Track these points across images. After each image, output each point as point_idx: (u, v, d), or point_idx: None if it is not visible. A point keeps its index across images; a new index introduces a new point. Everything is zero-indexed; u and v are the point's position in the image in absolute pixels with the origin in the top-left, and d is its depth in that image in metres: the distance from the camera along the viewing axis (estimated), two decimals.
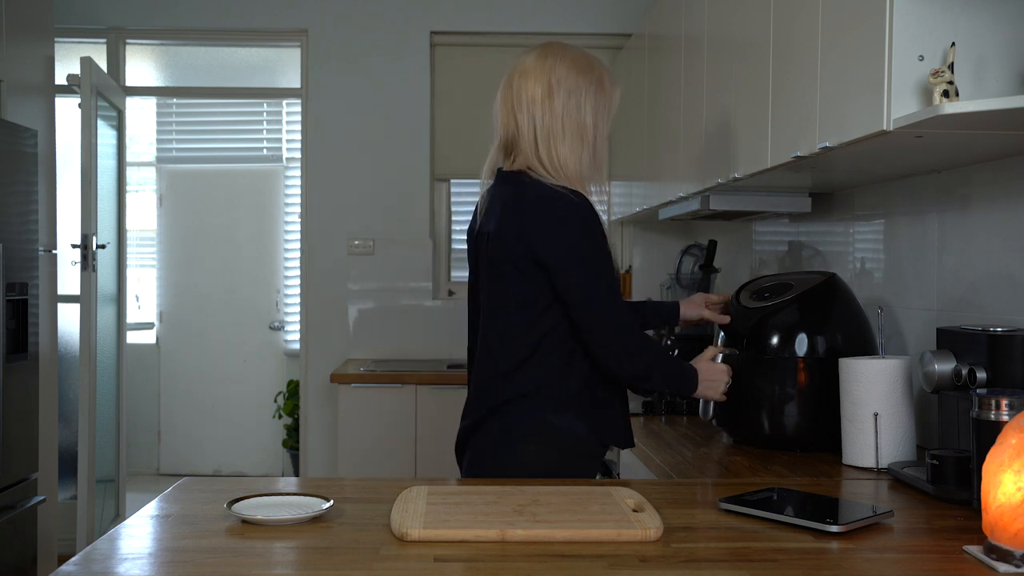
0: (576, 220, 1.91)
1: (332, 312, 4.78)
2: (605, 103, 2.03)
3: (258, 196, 6.29)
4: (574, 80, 1.99)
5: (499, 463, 1.94)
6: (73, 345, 4.46)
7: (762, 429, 2.26)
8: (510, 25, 4.78)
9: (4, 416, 3.14)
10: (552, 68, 1.98)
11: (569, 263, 1.90)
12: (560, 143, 1.96)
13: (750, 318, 2.28)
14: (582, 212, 1.91)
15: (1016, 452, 1.30)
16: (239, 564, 1.32)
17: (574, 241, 1.90)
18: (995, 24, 1.66)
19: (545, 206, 1.92)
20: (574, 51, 2.04)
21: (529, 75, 1.99)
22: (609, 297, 1.92)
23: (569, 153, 1.97)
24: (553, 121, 1.96)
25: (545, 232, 1.90)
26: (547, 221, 1.91)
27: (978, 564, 1.33)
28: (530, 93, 1.98)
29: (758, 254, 3.57)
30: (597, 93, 2.01)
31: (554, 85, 1.97)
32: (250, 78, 5.73)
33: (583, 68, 2.01)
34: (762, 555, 1.36)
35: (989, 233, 2.06)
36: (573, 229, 1.90)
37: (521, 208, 1.94)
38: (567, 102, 1.97)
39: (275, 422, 6.00)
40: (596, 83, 2.02)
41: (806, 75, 2.06)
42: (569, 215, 1.91)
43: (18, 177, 3.33)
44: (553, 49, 2.03)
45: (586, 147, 1.99)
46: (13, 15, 3.60)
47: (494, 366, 1.99)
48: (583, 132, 1.98)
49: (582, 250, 1.91)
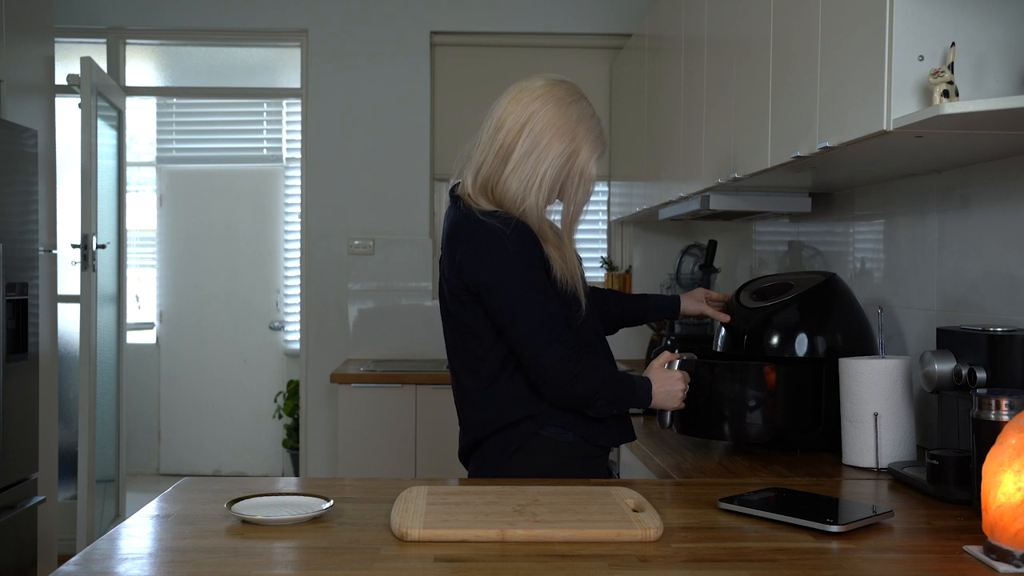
0: (502, 247, 1.84)
1: (332, 312, 4.78)
2: (572, 174, 1.92)
3: (258, 196, 6.29)
4: (546, 140, 1.89)
5: (500, 472, 1.94)
6: (73, 345, 4.46)
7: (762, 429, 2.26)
8: (510, 25, 4.78)
9: (4, 416, 3.14)
10: (533, 115, 1.89)
11: (496, 290, 1.86)
12: (501, 180, 1.89)
13: (750, 318, 2.28)
14: (511, 237, 1.85)
15: (1016, 452, 1.30)
16: (239, 564, 1.32)
17: (500, 268, 1.85)
18: (995, 24, 1.66)
19: (472, 236, 1.88)
20: (572, 106, 1.92)
21: (514, 103, 1.91)
22: (541, 323, 1.84)
23: (512, 186, 1.89)
24: (506, 162, 1.89)
25: (473, 261, 1.88)
26: (475, 250, 1.87)
27: (978, 564, 1.33)
28: (500, 120, 1.90)
29: (758, 254, 3.57)
30: (565, 162, 1.90)
31: (524, 131, 1.88)
32: (250, 78, 5.73)
33: (565, 132, 1.90)
34: (762, 555, 1.36)
35: (989, 233, 2.06)
36: (500, 256, 1.85)
37: (455, 239, 1.92)
38: (524, 160, 1.88)
39: (275, 422, 6.00)
40: (569, 153, 1.91)
41: (806, 75, 2.07)
42: (495, 242, 1.85)
43: (18, 177, 3.33)
44: (555, 92, 1.92)
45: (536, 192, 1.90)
46: (13, 15, 3.60)
47: (464, 393, 2.00)
48: (530, 187, 1.89)
49: (508, 277, 1.85)
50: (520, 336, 1.86)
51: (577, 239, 2.04)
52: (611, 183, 4.86)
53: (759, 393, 2.16)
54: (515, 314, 1.85)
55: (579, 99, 1.94)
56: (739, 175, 2.51)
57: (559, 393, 1.87)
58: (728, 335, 2.34)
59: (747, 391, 2.16)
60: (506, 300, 1.85)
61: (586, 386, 1.87)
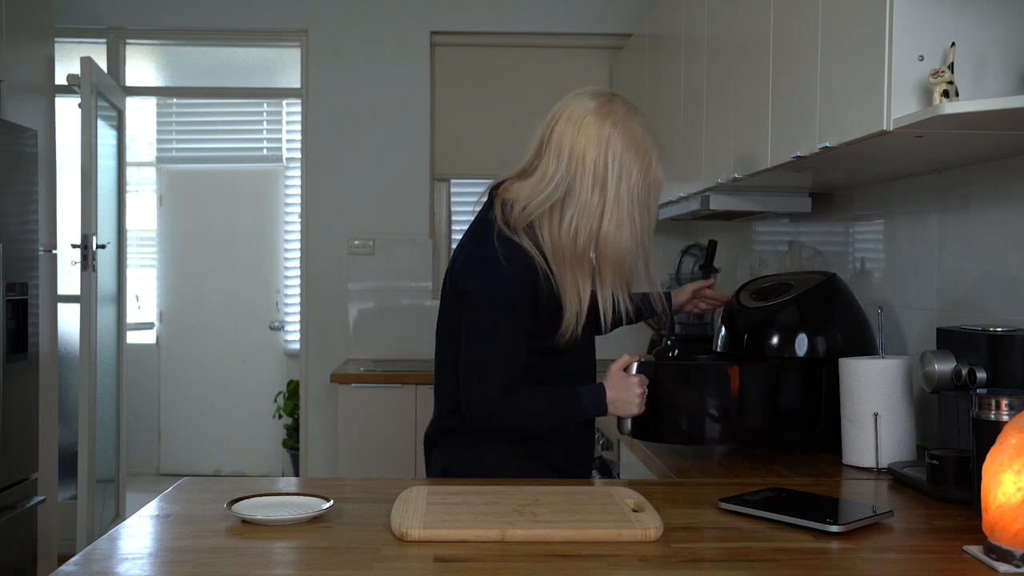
0: (497, 274, 1.83)
1: (332, 312, 4.78)
2: (648, 188, 1.90)
3: (258, 196, 6.29)
4: (629, 160, 1.86)
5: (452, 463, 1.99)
6: (73, 345, 4.46)
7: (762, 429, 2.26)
8: (510, 25, 4.78)
9: (4, 416, 3.14)
10: (610, 139, 1.85)
11: (469, 307, 1.87)
12: (602, 220, 1.86)
13: (750, 318, 2.28)
14: (509, 272, 1.83)
15: (1016, 452, 1.30)
16: (239, 564, 1.32)
17: (482, 291, 1.85)
18: (995, 24, 1.66)
19: (481, 247, 1.87)
20: (633, 120, 1.89)
21: (582, 131, 1.86)
22: (483, 361, 1.85)
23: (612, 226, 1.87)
24: (596, 200, 1.85)
25: (467, 270, 1.89)
26: (474, 262, 1.88)
27: (978, 564, 1.33)
28: (580, 152, 1.85)
29: (758, 254, 3.57)
30: (644, 177, 1.89)
31: (609, 161, 1.85)
32: (250, 78, 5.73)
33: (639, 148, 1.88)
34: (762, 555, 1.36)
35: (989, 233, 2.06)
36: (489, 280, 1.84)
37: (470, 239, 1.93)
38: (619, 185, 1.85)
39: (275, 422, 6.00)
40: (646, 168, 1.89)
41: (806, 75, 2.06)
42: (493, 265, 1.83)
43: (18, 177, 3.33)
44: (615, 109, 1.89)
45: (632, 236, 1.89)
46: (13, 15, 3.60)
47: (438, 383, 2.02)
48: (633, 222, 1.88)
49: (484, 305, 1.85)
50: (464, 359, 1.88)
51: None
52: None
53: (718, 396, 2.07)
54: (469, 339, 1.87)
55: (635, 112, 1.92)
56: (739, 175, 2.51)
57: (476, 424, 1.90)
58: (728, 335, 2.34)
59: (704, 394, 2.07)
60: (470, 322, 1.87)
61: (508, 421, 1.89)
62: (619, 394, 1.94)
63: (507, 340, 1.86)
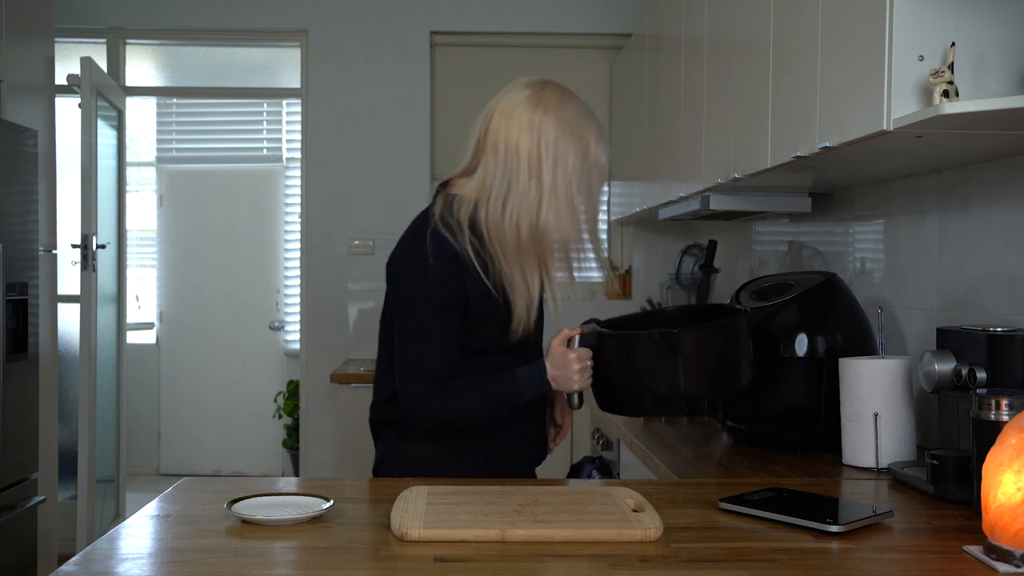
0: (425, 269, 1.82)
1: (332, 312, 4.77)
2: (588, 171, 1.87)
3: (258, 196, 6.29)
4: (564, 145, 1.84)
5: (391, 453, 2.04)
6: (73, 345, 4.46)
7: (762, 429, 2.26)
8: (510, 25, 4.78)
9: (4, 416, 3.14)
10: (542, 126, 1.83)
11: (399, 306, 1.88)
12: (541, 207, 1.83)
13: (750, 318, 2.28)
14: (435, 267, 1.82)
15: (1016, 452, 1.30)
16: (239, 564, 1.32)
17: (410, 288, 1.85)
18: (995, 24, 1.66)
19: (412, 244, 1.88)
20: (567, 104, 1.87)
21: (514, 122, 1.85)
22: (414, 357, 1.85)
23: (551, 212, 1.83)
24: (533, 189, 1.82)
25: (397, 267, 1.90)
26: (403, 260, 1.89)
27: (978, 564, 1.33)
28: (514, 144, 1.84)
29: (758, 254, 3.57)
30: (583, 161, 1.86)
31: (543, 149, 1.83)
32: (250, 78, 5.73)
33: (574, 132, 1.85)
34: (762, 555, 1.36)
35: (989, 233, 2.06)
36: (417, 277, 1.84)
37: (402, 236, 1.93)
38: (555, 172, 1.83)
39: (275, 422, 5.99)
40: (584, 150, 1.86)
41: (806, 75, 2.06)
42: (421, 262, 1.83)
43: (18, 177, 3.33)
44: (546, 96, 1.87)
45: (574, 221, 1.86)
46: (13, 15, 3.60)
47: (375, 380, 2.03)
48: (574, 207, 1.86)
49: (414, 301, 1.85)
50: (397, 358, 1.88)
51: None
52: (611, 183, 4.86)
53: (661, 360, 1.90)
54: (400, 337, 1.87)
55: (569, 95, 1.90)
56: (739, 175, 2.51)
57: (410, 418, 1.90)
58: None
59: (648, 360, 1.90)
60: (401, 319, 1.87)
61: (443, 416, 1.88)
62: (559, 370, 1.88)
63: (436, 338, 1.85)
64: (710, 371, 1.94)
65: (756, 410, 2.28)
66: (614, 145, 4.74)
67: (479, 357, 1.89)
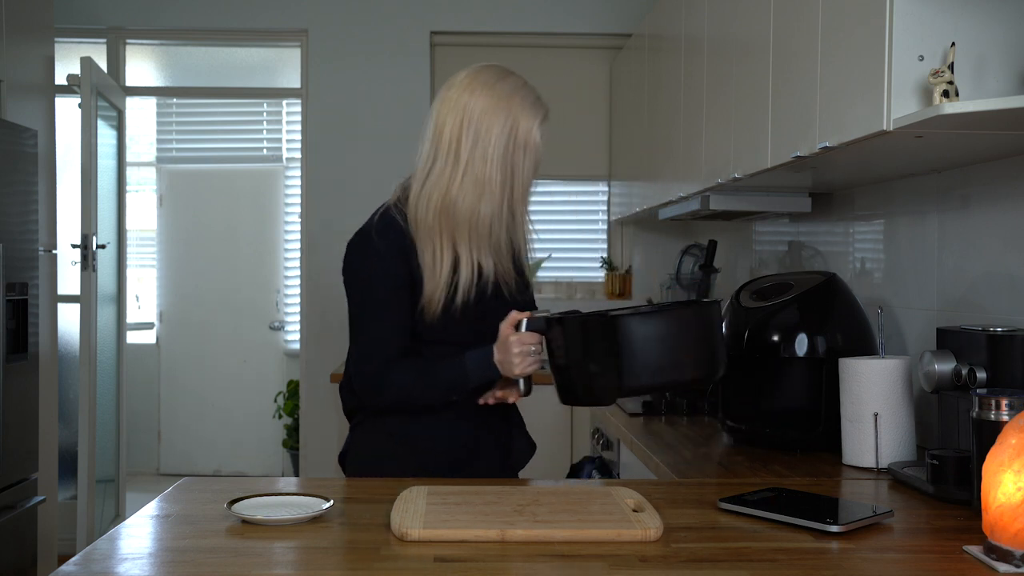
0: (369, 252, 1.88)
1: (332, 312, 4.77)
2: (513, 149, 1.85)
3: (258, 196, 6.29)
4: (488, 122, 1.84)
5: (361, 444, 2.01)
6: (73, 345, 4.46)
7: (762, 429, 2.26)
8: (510, 25, 4.78)
9: (4, 416, 3.14)
10: (467, 105, 1.85)
11: (348, 291, 1.92)
12: (456, 182, 1.85)
13: (750, 318, 2.28)
14: (378, 247, 1.87)
15: (1016, 452, 1.30)
16: (239, 564, 1.32)
17: (356, 274, 1.91)
18: (995, 24, 1.66)
19: (361, 231, 1.94)
20: (500, 83, 1.87)
21: (444, 104, 1.88)
22: (362, 342, 1.88)
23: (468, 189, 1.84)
24: (448, 167, 1.85)
25: (347, 255, 1.94)
26: (352, 246, 1.94)
27: (978, 564, 1.33)
28: (441, 124, 1.87)
29: (758, 254, 3.57)
30: (508, 140, 1.84)
31: (464, 127, 1.84)
32: (250, 78, 5.73)
33: (500, 109, 1.85)
34: (762, 555, 1.36)
35: (989, 233, 2.06)
36: (362, 261, 1.90)
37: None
38: (473, 151, 1.83)
39: (275, 422, 6.00)
40: (510, 127, 1.84)
41: (806, 75, 2.07)
42: (367, 246, 1.88)
43: (18, 177, 3.33)
44: (479, 77, 1.88)
45: (487, 199, 1.84)
46: (13, 15, 3.60)
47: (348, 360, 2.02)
48: (488, 184, 1.84)
49: (358, 286, 1.90)
50: (350, 335, 1.92)
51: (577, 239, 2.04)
52: (611, 183, 4.86)
53: (599, 347, 1.79)
54: (351, 316, 1.91)
55: (507, 75, 1.90)
56: (739, 175, 2.51)
57: (363, 398, 1.92)
58: (728, 335, 2.34)
59: (586, 346, 1.80)
60: (350, 300, 1.91)
61: (388, 397, 1.88)
62: (502, 354, 1.83)
63: (380, 316, 1.87)
64: (654, 361, 1.78)
65: (756, 410, 2.28)
66: (614, 145, 4.74)
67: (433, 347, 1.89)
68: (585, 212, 4.99)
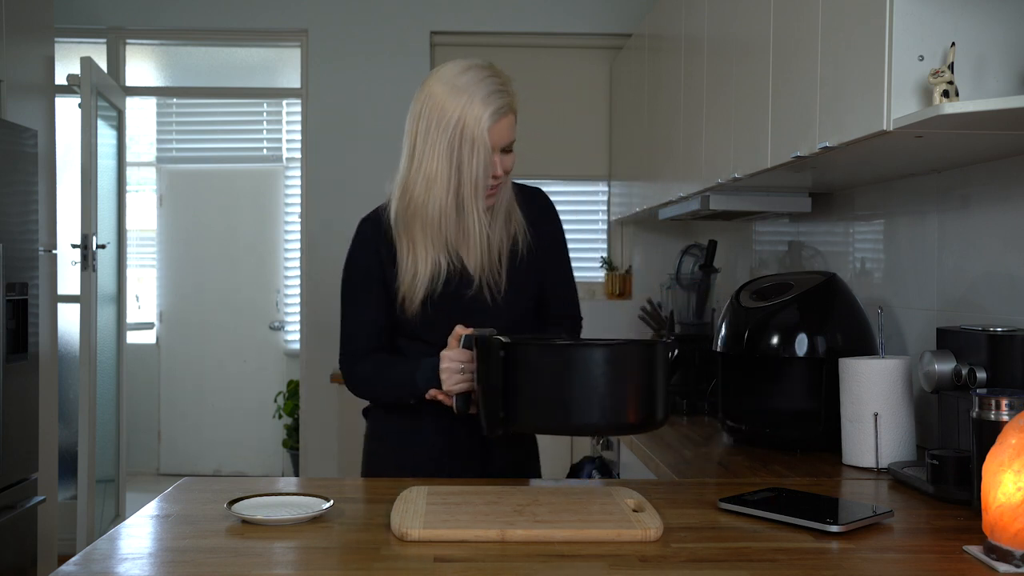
0: (350, 249, 1.97)
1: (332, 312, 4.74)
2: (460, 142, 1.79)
3: (258, 196, 6.29)
4: (440, 115, 1.80)
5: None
6: (73, 345, 4.46)
7: (762, 429, 2.26)
8: (510, 25, 4.78)
9: (4, 416, 3.14)
10: (426, 99, 1.82)
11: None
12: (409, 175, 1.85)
13: (750, 318, 2.28)
14: (353, 241, 1.96)
15: (1016, 452, 1.30)
16: (239, 564, 1.32)
17: (344, 269, 1.99)
18: (995, 24, 1.66)
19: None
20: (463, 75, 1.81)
21: (412, 102, 1.87)
22: (345, 333, 1.97)
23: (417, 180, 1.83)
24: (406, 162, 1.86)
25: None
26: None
27: (978, 564, 1.33)
28: (407, 123, 1.88)
29: (758, 254, 3.57)
30: (455, 132, 1.79)
31: (419, 120, 1.83)
32: (250, 78, 5.73)
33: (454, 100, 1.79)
34: (762, 555, 1.36)
35: (989, 233, 2.06)
36: (347, 257, 1.98)
37: None
38: (424, 144, 1.81)
39: (275, 422, 6.00)
40: (456, 120, 1.78)
41: (806, 75, 2.07)
42: (352, 236, 1.98)
43: (18, 177, 3.33)
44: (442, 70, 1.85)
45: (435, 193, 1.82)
46: (13, 15, 3.60)
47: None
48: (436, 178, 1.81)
49: (342, 280, 1.98)
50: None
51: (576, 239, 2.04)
52: (611, 183, 4.86)
53: (495, 377, 1.60)
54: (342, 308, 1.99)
55: (472, 69, 1.83)
56: (739, 175, 2.51)
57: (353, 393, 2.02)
58: (728, 335, 2.34)
59: (487, 375, 1.63)
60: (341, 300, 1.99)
61: (358, 392, 2.00)
62: (441, 369, 1.82)
63: (351, 311, 1.95)
64: (541, 400, 1.58)
65: (756, 410, 2.29)
66: (614, 145, 4.74)
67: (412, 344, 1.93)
68: (585, 212, 4.99)
